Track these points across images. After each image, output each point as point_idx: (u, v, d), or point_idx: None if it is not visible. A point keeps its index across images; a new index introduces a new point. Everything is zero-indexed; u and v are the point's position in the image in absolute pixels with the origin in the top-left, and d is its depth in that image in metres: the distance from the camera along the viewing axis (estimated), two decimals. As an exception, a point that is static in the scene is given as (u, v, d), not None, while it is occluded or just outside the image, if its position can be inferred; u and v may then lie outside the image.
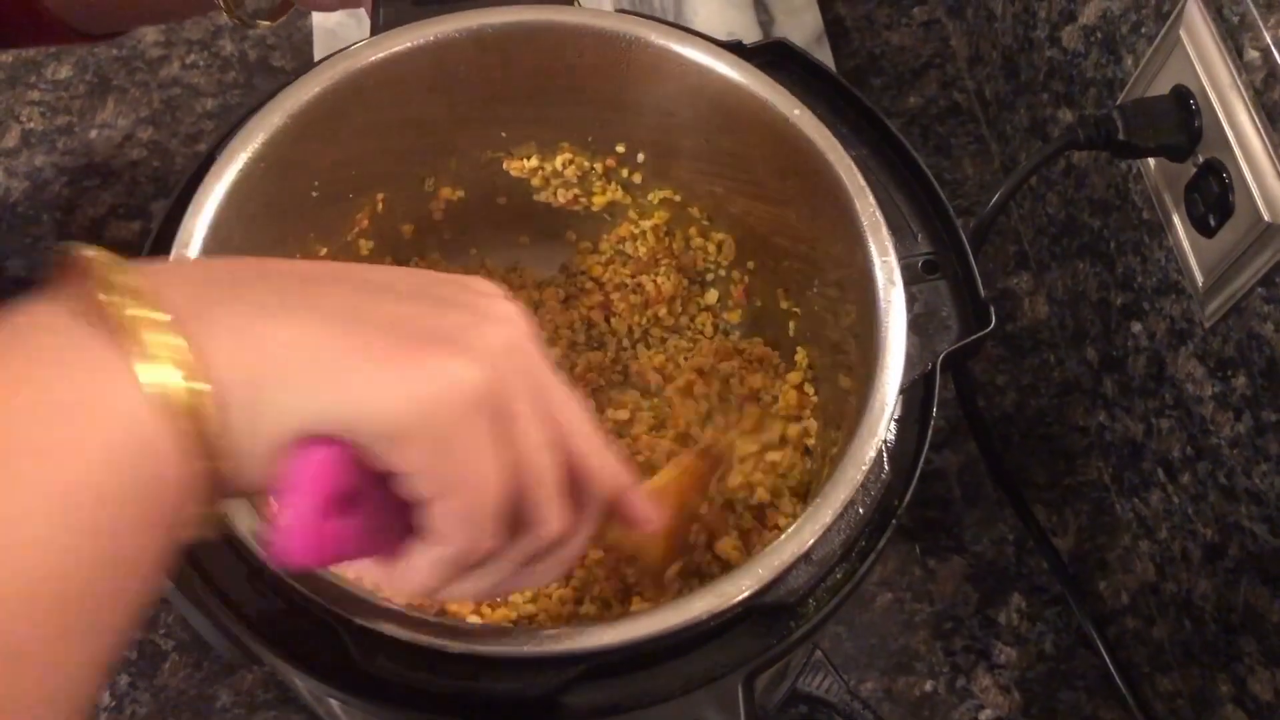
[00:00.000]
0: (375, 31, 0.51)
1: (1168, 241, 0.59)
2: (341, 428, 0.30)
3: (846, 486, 0.42)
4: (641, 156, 0.58)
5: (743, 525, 0.55)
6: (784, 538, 0.41)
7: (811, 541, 0.41)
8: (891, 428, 0.45)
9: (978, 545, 0.67)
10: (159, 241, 0.46)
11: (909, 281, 0.47)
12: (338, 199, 0.54)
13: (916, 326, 0.47)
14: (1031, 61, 0.71)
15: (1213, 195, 0.54)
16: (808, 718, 0.62)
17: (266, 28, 0.64)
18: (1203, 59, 0.53)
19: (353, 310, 0.31)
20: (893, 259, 0.47)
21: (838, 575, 0.43)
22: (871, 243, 0.47)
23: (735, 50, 0.51)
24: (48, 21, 0.61)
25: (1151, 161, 0.60)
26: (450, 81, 0.53)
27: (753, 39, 0.53)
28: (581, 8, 0.53)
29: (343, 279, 0.33)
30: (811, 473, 0.55)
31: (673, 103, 0.54)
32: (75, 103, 0.79)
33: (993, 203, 0.59)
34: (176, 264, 0.31)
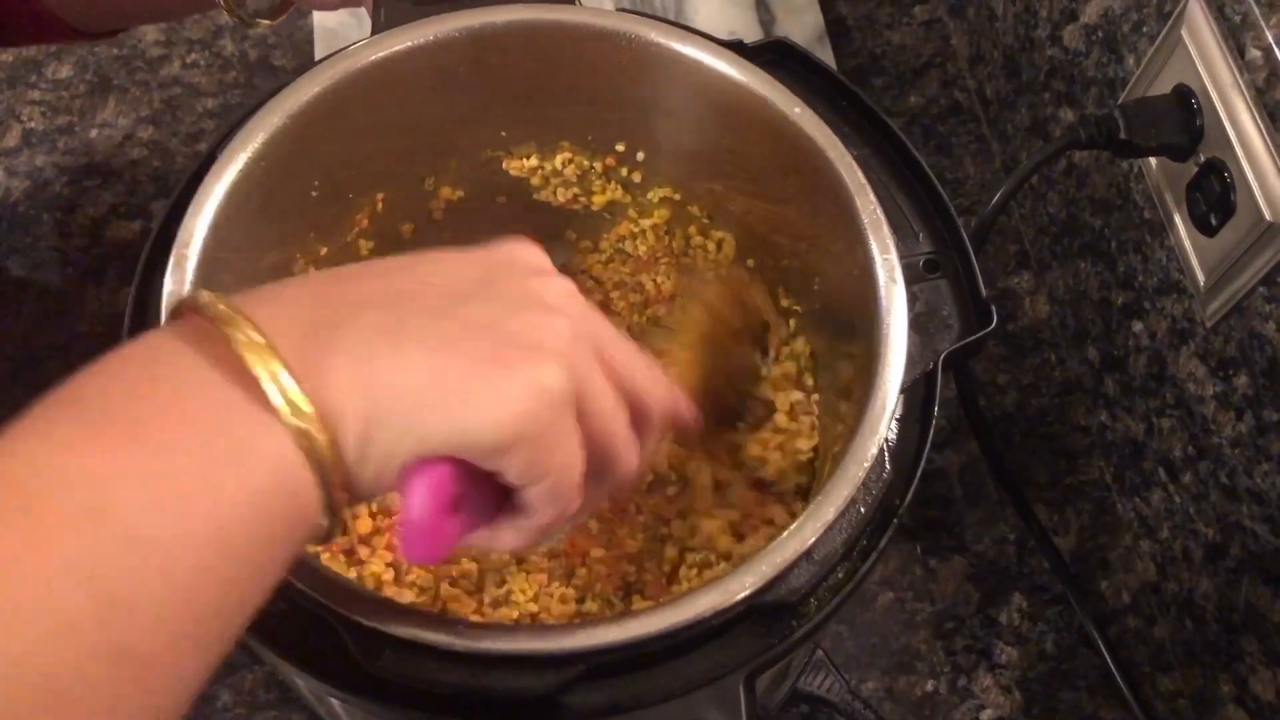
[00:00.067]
0: (376, 30, 0.51)
1: (1169, 241, 0.59)
2: (452, 450, 0.33)
3: (848, 484, 0.42)
4: (641, 155, 0.58)
5: (739, 506, 0.55)
6: (786, 535, 0.41)
7: (814, 539, 0.41)
8: (893, 427, 0.45)
9: (979, 545, 0.67)
10: (159, 241, 0.46)
11: (910, 281, 0.47)
12: (337, 199, 0.54)
13: (918, 326, 0.47)
14: (1033, 61, 0.71)
15: (1214, 194, 0.54)
16: (809, 717, 0.62)
17: (267, 27, 0.64)
18: (1204, 58, 0.53)
19: (442, 333, 0.34)
20: (894, 256, 0.47)
21: (839, 574, 0.43)
22: (872, 240, 0.47)
23: (736, 49, 0.51)
24: (48, 20, 0.61)
25: (1153, 161, 0.60)
26: (450, 81, 0.53)
27: (754, 38, 0.53)
28: (582, 7, 0.53)
29: (419, 292, 0.35)
30: (814, 466, 0.55)
31: (673, 101, 0.54)
32: (76, 102, 0.79)
33: (994, 202, 0.59)
34: (277, 303, 0.34)
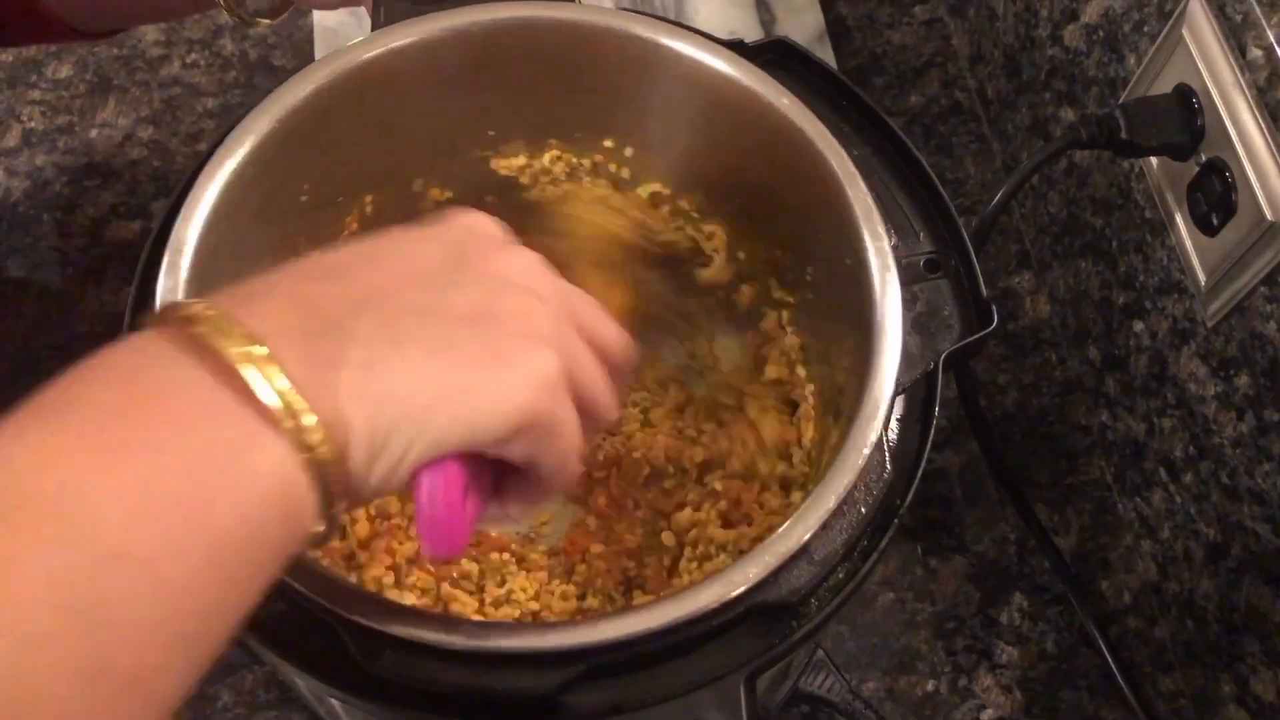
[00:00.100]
0: (375, 29, 0.51)
1: (1170, 241, 0.59)
2: (461, 446, 0.34)
3: (848, 473, 0.42)
4: (630, 151, 0.58)
5: (726, 495, 0.55)
6: (786, 526, 0.41)
7: (815, 528, 0.41)
8: (894, 427, 0.45)
9: (979, 545, 0.67)
10: (159, 242, 0.46)
11: (911, 280, 0.47)
12: (326, 203, 0.53)
13: (919, 325, 0.47)
14: (1033, 60, 0.71)
15: (1215, 194, 0.54)
16: (809, 717, 0.61)
17: (267, 26, 0.64)
18: (1205, 58, 0.53)
19: (438, 333, 0.34)
20: (885, 243, 0.46)
21: (840, 575, 0.42)
22: (863, 225, 0.47)
23: (736, 49, 0.51)
24: (48, 20, 0.61)
25: (1154, 160, 0.60)
26: (443, 79, 0.52)
27: (754, 38, 0.53)
28: (582, 5, 0.53)
29: (395, 286, 0.35)
30: (811, 457, 0.55)
31: (664, 96, 0.53)
32: (76, 102, 0.79)
33: (995, 202, 0.59)
34: (268, 307, 0.33)
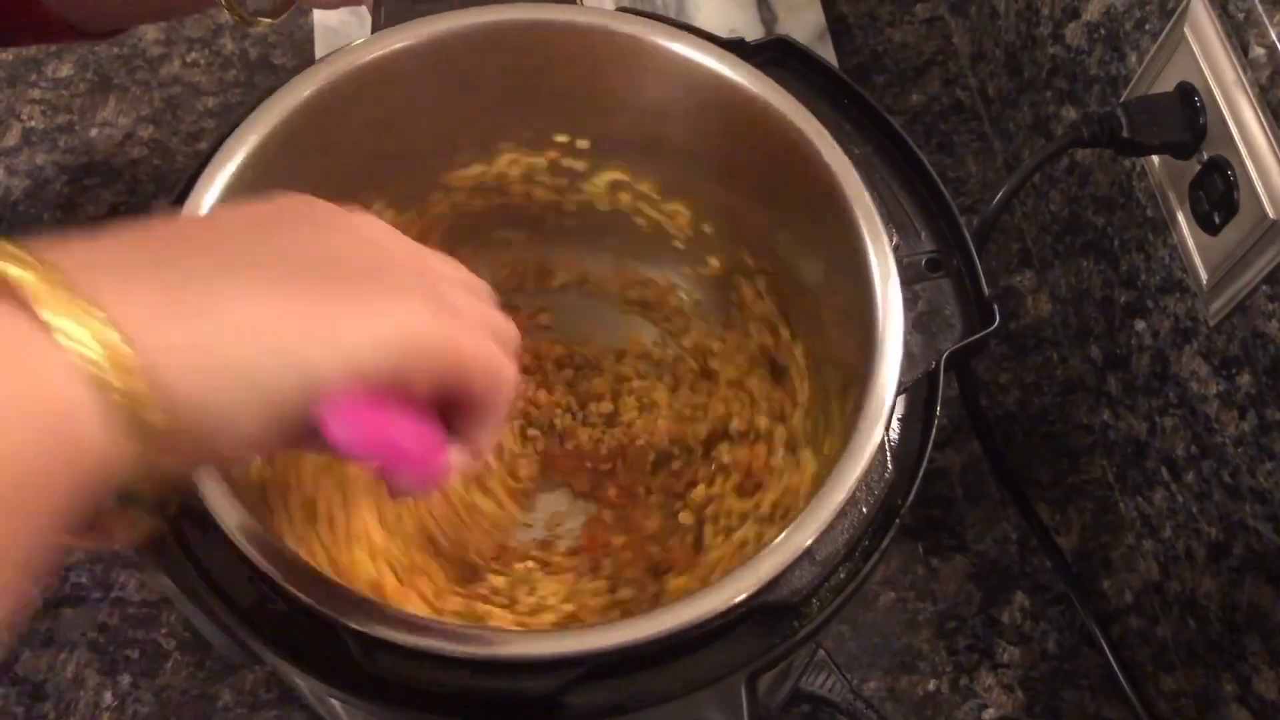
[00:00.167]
0: (376, 29, 0.51)
1: (1172, 239, 0.59)
2: (347, 379, 0.31)
3: (851, 476, 0.42)
4: (629, 150, 0.57)
5: (735, 468, 0.55)
6: (784, 535, 0.41)
7: (815, 536, 0.41)
8: (895, 426, 0.45)
9: (981, 544, 0.67)
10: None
11: (913, 280, 0.47)
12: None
13: (920, 325, 0.46)
14: (1035, 59, 0.71)
15: (1217, 193, 0.54)
16: (811, 717, 0.61)
17: (267, 25, 0.64)
18: (1207, 56, 0.53)
19: (280, 273, 0.31)
20: (886, 243, 0.46)
21: (841, 575, 0.42)
22: (864, 225, 0.46)
23: (737, 48, 0.51)
24: (48, 20, 0.61)
25: (1155, 159, 0.59)
26: (440, 80, 0.51)
27: (755, 36, 0.53)
28: (581, 6, 0.53)
29: (248, 234, 0.33)
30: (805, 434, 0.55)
31: (666, 98, 0.53)
32: (76, 101, 0.79)
33: (996, 200, 0.59)
34: (88, 246, 0.30)
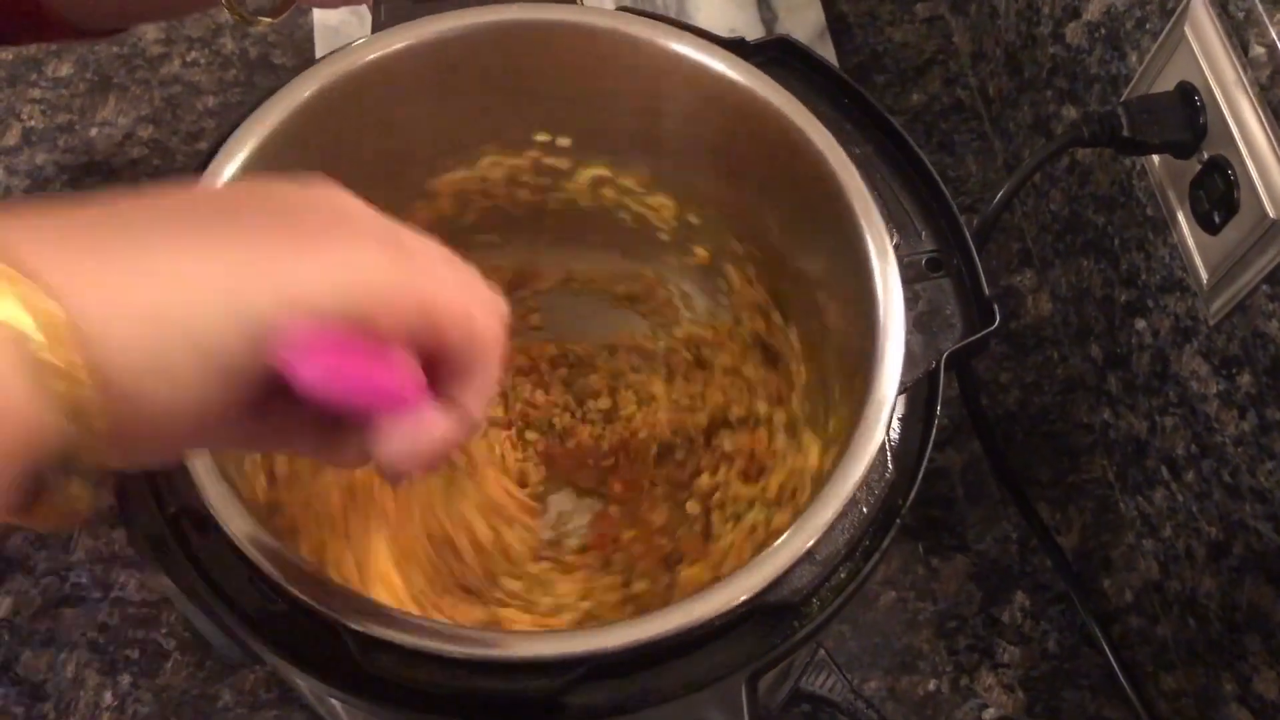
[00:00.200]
0: (376, 29, 0.51)
1: (1172, 238, 0.59)
2: (293, 319, 0.29)
3: (852, 477, 0.42)
4: (616, 146, 0.57)
5: (737, 455, 0.55)
6: (785, 537, 0.41)
7: (816, 538, 0.41)
8: (895, 426, 0.45)
9: (981, 544, 0.67)
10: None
11: (913, 279, 0.47)
12: None
13: (920, 325, 0.46)
14: (1035, 58, 0.71)
15: (1218, 192, 0.54)
16: (811, 717, 0.61)
17: (267, 25, 0.64)
18: (1208, 55, 0.53)
19: (226, 224, 0.30)
20: (887, 242, 0.46)
21: (841, 575, 0.42)
22: (864, 224, 0.46)
23: (737, 47, 0.51)
24: (48, 19, 0.61)
25: (1156, 158, 0.59)
26: (440, 80, 0.51)
27: (755, 36, 0.53)
28: (582, 6, 0.53)
29: (192, 199, 0.31)
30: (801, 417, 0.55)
31: (669, 100, 0.53)
32: (76, 101, 0.79)
33: (996, 200, 0.59)
34: (14, 210, 0.28)
